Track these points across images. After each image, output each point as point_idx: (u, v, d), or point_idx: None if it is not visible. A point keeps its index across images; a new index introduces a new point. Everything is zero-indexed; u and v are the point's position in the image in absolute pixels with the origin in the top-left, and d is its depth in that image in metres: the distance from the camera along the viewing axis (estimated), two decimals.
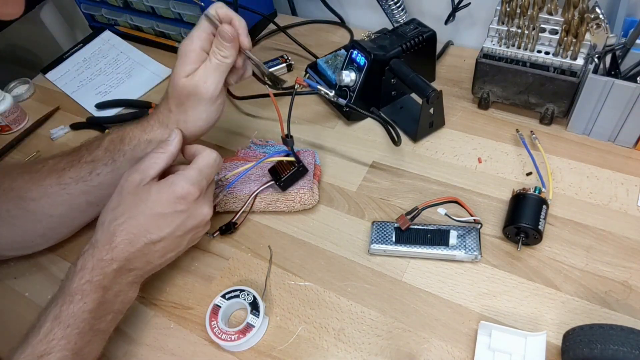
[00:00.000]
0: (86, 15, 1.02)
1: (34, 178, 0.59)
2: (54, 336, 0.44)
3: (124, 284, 0.50)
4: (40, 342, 0.44)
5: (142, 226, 0.49)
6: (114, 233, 0.49)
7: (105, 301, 0.48)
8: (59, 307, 0.46)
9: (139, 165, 0.52)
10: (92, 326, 0.47)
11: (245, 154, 0.71)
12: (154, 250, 0.51)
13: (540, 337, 0.48)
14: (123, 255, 0.48)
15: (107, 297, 0.48)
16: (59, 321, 0.45)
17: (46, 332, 0.44)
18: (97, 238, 0.50)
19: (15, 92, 0.93)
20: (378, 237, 0.59)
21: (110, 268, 0.48)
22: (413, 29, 0.72)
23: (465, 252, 0.56)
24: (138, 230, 0.49)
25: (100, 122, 0.83)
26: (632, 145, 0.64)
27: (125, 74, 0.92)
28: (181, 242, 0.53)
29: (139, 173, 0.51)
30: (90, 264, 0.48)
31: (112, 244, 0.48)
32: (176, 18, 0.89)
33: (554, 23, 0.62)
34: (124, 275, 0.49)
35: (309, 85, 0.63)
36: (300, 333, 0.54)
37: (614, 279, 0.53)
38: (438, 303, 0.54)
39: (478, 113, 0.72)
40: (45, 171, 0.59)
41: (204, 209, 0.53)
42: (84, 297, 0.46)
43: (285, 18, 0.98)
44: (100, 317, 0.48)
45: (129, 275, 0.50)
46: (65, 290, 0.47)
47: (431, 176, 0.66)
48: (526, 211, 0.55)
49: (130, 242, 0.49)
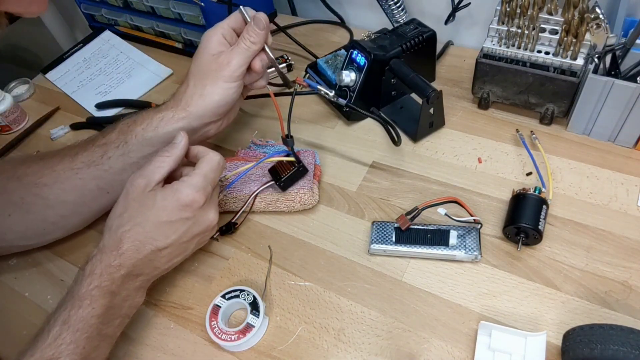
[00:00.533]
0: (86, 15, 1.02)
1: (48, 163, 0.60)
2: (62, 340, 0.44)
3: (131, 289, 0.50)
4: (49, 346, 0.44)
5: (148, 233, 0.50)
6: (121, 239, 0.49)
7: (114, 306, 0.48)
8: (68, 311, 0.46)
9: (143, 169, 0.52)
10: (100, 331, 0.47)
11: (246, 154, 0.71)
12: (160, 257, 0.51)
13: (540, 337, 0.48)
14: (130, 261, 0.49)
15: (115, 302, 0.48)
16: (67, 325, 0.45)
17: (55, 336, 0.45)
18: (104, 243, 0.50)
19: (15, 92, 0.93)
20: (378, 237, 0.59)
21: (118, 274, 0.48)
22: (413, 29, 0.72)
23: (465, 252, 0.56)
24: (144, 237, 0.50)
25: (100, 122, 0.83)
26: (632, 145, 0.64)
27: (125, 74, 0.92)
28: (187, 247, 0.54)
29: (144, 178, 0.51)
30: (99, 270, 0.48)
31: (119, 250, 0.49)
32: (176, 18, 0.89)
33: (554, 23, 0.62)
34: (132, 280, 0.50)
35: (309, 85, 0.64)
36: (300, 333, 0.54)
37: (614, 279, 0.53)
38: (438, 303, 0.54)
39: (478, 113, 0.72)
40: (59, 156, 0.60)
41: (209, 215, 0.54)
42: (92, 302, 0.46)
43: (285, 18, 0.98)
44: (108, 321, 0.48)
45: (136, 281, 0.50)
46: (74, 295, 0.47)
47: (431, 176, 0.66)
48: (526, 211, 0.55)
49: (137, 249, 0.49)
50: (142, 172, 0.52)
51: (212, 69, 0.58)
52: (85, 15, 1.02)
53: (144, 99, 0.87)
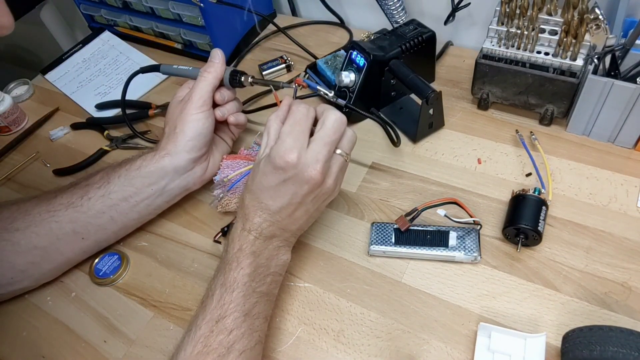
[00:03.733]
0: (85, 16, 1.02)
1: (22, 208, 0.59)
2: (224, 301, 0.49)
3: (271, 248, 0.52)
4: (215, 308, 0.48)
5: (259, 199, 0.51)
6: (247, 205, 0.52)
7: (260, 265, 0.51)
8: (223, 275, 0.50)
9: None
10: (254, 289, 0.50)
11: (249, 154, 0.70)
12: (281, 219, 0.52)
13: (539, 338, 0.48)
14: (256, 225, 0.51)
15: (259, 262, 0.51)
16: (225, 287, 0.49)
17: (218, 298, 0.49)
18: (241, 208, 0.53)
19: (15, 93, 0.93)
20: (377, 238, 0.59)
21: (250, 237, 0.51)
22: (412, 29, 0.71)
23: (464, 253, 0.56)
24: (258, 203, 0.52)
25: (100, 122, 0.83)
26: (632, 146, 0.64)
27: (125, 74, 0.92)
28: (306, 207, 0.53)
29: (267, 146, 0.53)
30: (237, 235, 0.52)
31: (246, 216, 0.52)
32: (175, 19, 0.89)
33: (554, 24, 0.62)
34: (267, 241, 0.52)
35: (309, 85, 0.63)
36: (300, 334, 0.54)
37: (614, 280, 0.53)
38: (437, 304, 0.54)
39: (477, 114, 0.72)
40: (35, 200, 0.60)
41: (308, 171, 0.49)
42: (239, 263, 0.50)
43: (284, 19, 0.98)
44: (259, 279, 0.51)
45: (272, 242, 0.52)
46: (224, 260, 0.52)
47: (431, 177, 0.66)
48: (526, 212, 0.55)
49: (257, 214, 0.52)
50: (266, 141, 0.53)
51: (179, 110, 0.61)
52: (85, 15, 1.02)
53: (144, 99, 0.87)
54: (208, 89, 0.62)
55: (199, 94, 0.61)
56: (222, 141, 0.68)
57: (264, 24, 0.94)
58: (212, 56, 0.63)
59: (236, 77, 0.64)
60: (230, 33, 0.89)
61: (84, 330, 0.58)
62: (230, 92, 0.65)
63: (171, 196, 0.63)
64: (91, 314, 0.60)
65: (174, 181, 0.62)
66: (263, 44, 0.93)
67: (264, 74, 0.83)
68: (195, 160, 0.62)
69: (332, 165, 0.51)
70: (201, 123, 0.61)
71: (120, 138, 0.79)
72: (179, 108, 0.62)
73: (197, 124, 0.61)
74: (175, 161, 0.60)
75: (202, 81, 0.62)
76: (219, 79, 0.63)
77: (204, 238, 0.64)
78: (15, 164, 0.79)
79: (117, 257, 0.63)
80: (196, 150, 0.61)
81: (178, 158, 0.60)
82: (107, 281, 0.62)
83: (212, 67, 0.62)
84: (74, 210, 0.58)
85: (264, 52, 0.91)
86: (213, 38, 0.85)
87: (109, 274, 0.62)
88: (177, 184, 0.62)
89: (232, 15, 0.86)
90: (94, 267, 0.63)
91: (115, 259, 0.63)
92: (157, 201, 0.62)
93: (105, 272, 0.62)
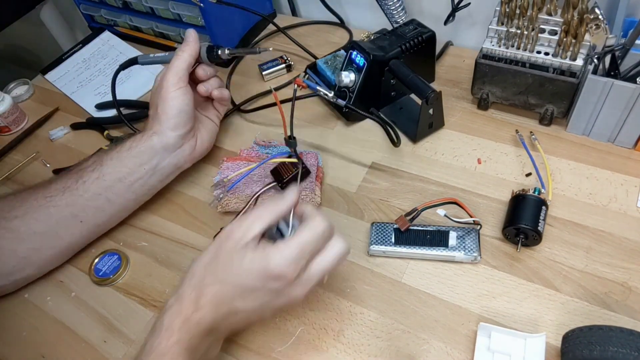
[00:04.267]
0: (85, 15, 1.02)
1: (18, 197, 0.60)
2: None
3: (209, 341, 0.48)
4: None
5: (228, 295, 0.46)
6: (202, 293, 0.46)
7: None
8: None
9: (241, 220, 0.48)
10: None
11: (249, 154, 0.70)
12: (236, 318, 0.48)
13: (539, 338, 0.48)
14: (209, 317, 0.46)
15: (194, 357, 0.47)
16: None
17: None
18: (183, 291, 0.47)
19: (15, 93, 0.93)
20: (377, 238, 0.59)
21: (198, 329, 0.46)
22: (412, 29, 0.71)
23: (464, 253, 0.56)
24: (224, 297, 0.46)
25: (100, 122, 0.83)
26: (632, 146, 0.64)
27: (124, 74, 0.91)
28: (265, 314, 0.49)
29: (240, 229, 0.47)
30: (178, 323, 0.46)
31: (198, 303, 0.46)
32: (175, 19, 0.89)
33: (554, 24, 0.62)
34: (209, 335, 0.48)
35: (308, 86, 0.63)
36: (300, 334, 0.54)
37: (614, 280, 0.53)
38: (437, 304, 0.54)
39: (477, 114, 0.72)
40: (32, 189, 0.61)
41: (296, 291, 0.47)
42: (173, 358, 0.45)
43: (284, 19, 0.98)
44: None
45: (212, 335, 0.48)
46: (154, 348, 0.45)
47: (430, 177, 0.66)
48: (525, 212, 0.55)
49: (216, 307, 0.46)
50: (240, 222, 0.48)
51: (159, 92, 0.63)
52: (85, 15, 1.02)
53: (144, 99, 0.87)
54: (183, 66, 0.63)
55: (174, 71, 0.63)
56: (208, 119, 0.70)
57: (264, 24, 0.94)
58: (186, 36, 0.65)
59: (213, 52, 0.66)
60: (230, 33, 0.89)
61: (83, 330, 0.58)
62: (211, 67, 0.68)
63: (164, 175, 0.65)
64: (91, 313, 0.60)
65: (165, 159, 0.64)
66: (263, 44, 0.93)
67: (264, 74, 0.83)
68: (183, 137, 0.64)
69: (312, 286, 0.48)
70: (180, 100, 0.62)
71: (120, 138, 0.79)
72: (158, 89, 0.64)
73: (176, 101, 0.62)
74: (164, 139, 0.63)
75: (177, 59, 0.64)
76: (193, 57, 0.64)
77: (204, 238, 0.64)
78: (15, 164, 0.79)
79: (117, 257, 0.63)
80: (181, 127, 0.63)
81: (165, 136, 0.63)
82: (107, 281, 0.62)
83: (186, 46, 0.64)
84: (71, 194, 0.60)
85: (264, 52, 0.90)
86: (213, 38, 0.85)
87: (108, 273, 0.62)
88: (168, 162, 0.64)
89: (232, 15, 0.86)
90: (94, 267, 0.63)
91: (115, 259, 0.63)
92: (150, 180, 0.64)
93: (105, 272, 0.62)
